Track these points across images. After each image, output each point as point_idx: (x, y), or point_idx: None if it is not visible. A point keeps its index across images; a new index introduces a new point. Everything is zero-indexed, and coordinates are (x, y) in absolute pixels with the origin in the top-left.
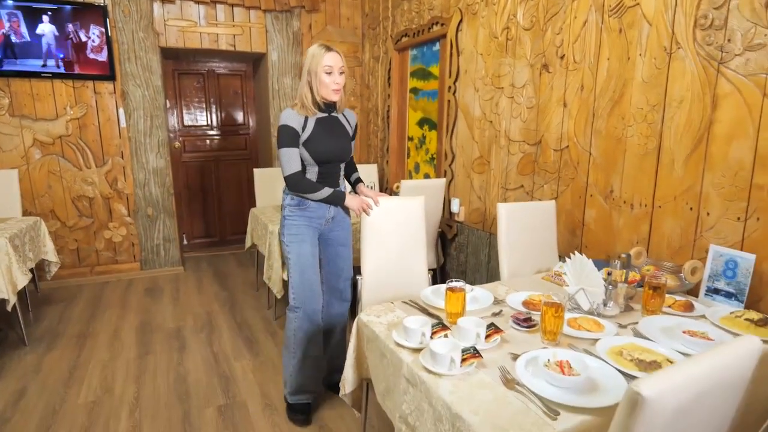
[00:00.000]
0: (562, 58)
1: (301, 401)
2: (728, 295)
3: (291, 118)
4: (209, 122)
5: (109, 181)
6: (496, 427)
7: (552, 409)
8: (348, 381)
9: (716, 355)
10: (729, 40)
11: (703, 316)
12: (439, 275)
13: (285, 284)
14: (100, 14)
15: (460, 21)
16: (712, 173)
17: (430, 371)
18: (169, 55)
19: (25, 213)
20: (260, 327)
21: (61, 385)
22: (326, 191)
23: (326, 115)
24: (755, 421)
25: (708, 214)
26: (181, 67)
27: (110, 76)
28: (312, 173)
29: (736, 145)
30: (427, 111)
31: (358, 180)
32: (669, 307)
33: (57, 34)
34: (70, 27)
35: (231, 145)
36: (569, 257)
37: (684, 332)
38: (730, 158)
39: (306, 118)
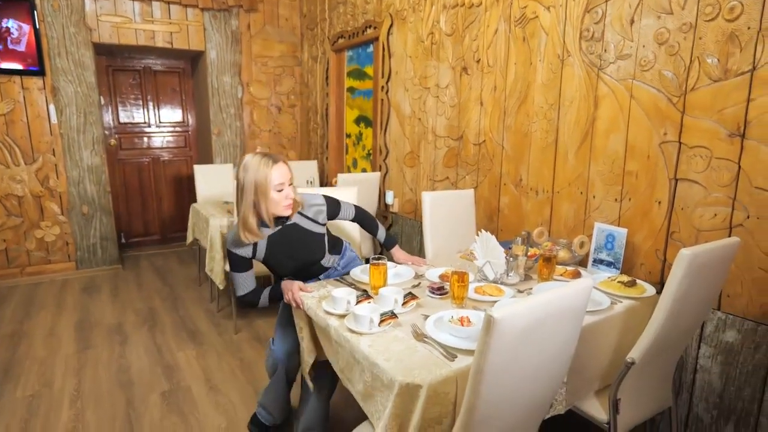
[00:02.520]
0: (478, 62)
1: (261, 416)
2: (609, 264)
3: (236, 245)
4: (147, 120)
5: (40, 178)
6: (405, 368)
7: (451, 353)
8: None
9: (554, 292)
10: (605, 50)
11: None
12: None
13: (227, 275)
14: (27, 8)
15: (391, 25)
16: (596, 162)
17: (353, 331)
18: (102, 51)
19: None
20: (203, 319)
21: None
22: (264, 296)
23: (278, 228)
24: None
25: (594, 197)
26: (116, 63)
27: (39, 72)
28: (288, 276)
29: (613, 138)
30: (363, 109)
31: (391, 241)
32: (561, 275)
33: None
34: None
35: (171, 143)
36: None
37: None
38: (608, 149)
39: (255, 244)
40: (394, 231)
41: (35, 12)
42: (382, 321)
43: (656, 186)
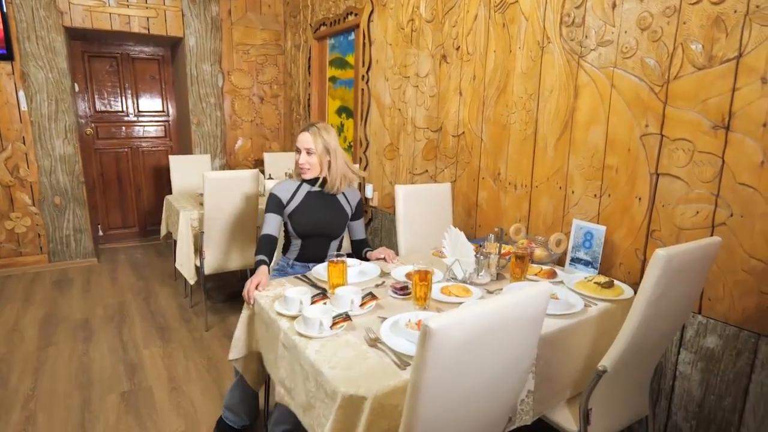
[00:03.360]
0: (458, 49)
1: (229, 420)
2: (587, 263)
3: (279, 187)
4: (124, 108)
5: (9, 168)
6: (350, 378)
7: (404, 361)
8: (237, 348)
9: (503, 299)
10: (586, 37)
11: (562, 282)
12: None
13: (197, 269)
14: None
15: (372, 12)
16: (575, 155)
17: (302, 335)
18: (77, 35)
19: None
20: (175, 315)
21: None
22: (257, 258)
23: (318, 190)
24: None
25: (573, 192)
26: (92, 49)
27: (7, 56)
28: (296, 245)
29: (593, 130)
30: (345, 100)
31: (367, 251)
32: (535, 275)
33: None
34: None
35: (150, 132)
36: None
37: None
38: (588, 142)
39: (298, 187)
40: (374, 226)
41: None
42: (334, 324)
43: (637, 181)
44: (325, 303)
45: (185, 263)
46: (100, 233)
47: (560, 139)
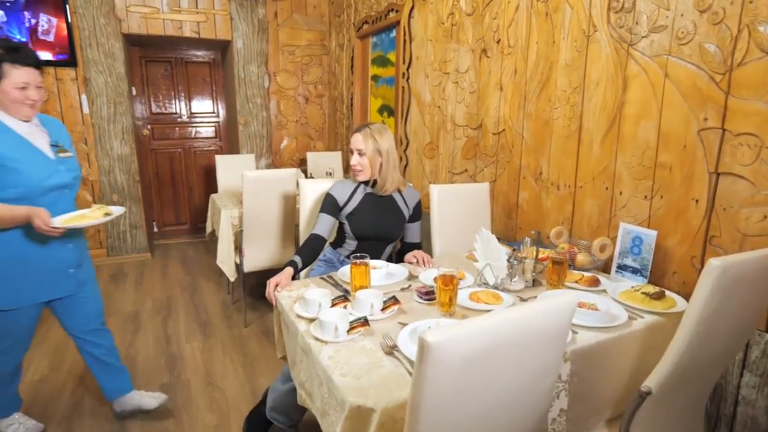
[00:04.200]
0: (498, 42)
1: (279, 422)
2: (635, 271)
3: (336, 187)
4: (178, 110)
5: None
6: (360, 387)
7: None
8: (280, 345)
9: (514, 312)
10: (637, 23)
11: (605, 291)
12: (395, 259)
13: (237, 267)
14: (59, 1)
15: (412, 8)
16: (624, 153)
17: (317, 339)
18: (135, 42)
19: None
20: (217, 310)
21: None
22: (291, 258)
23: (377, 192)
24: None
25: (621, 193)
26: (148, 54)
27: (71, 62)
28: (351, 245)
29: (644, 125)
30: (386, 98)
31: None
32: (576, 282)
33: (15, 19)
34: (29, 12)
35: (201, 133)
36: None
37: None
38: (638, 138)
39: (355, 189)
40: None
41: (67, 5)
42: (351, 328)
43: (693, 181)
44: (345, 306)
45: (226, 260)
46: (155, 229)
47: (607, 135)
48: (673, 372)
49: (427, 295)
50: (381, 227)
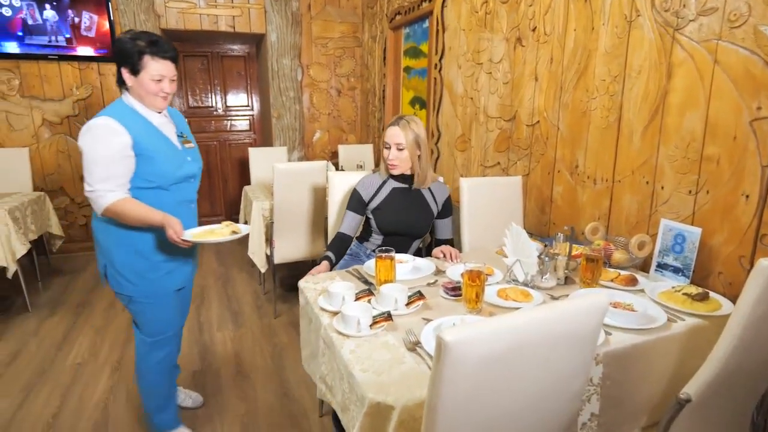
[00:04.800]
0: (534, 30)
1: None
2: (676, 270)
3: (363, 183)
4: (213, 104)
5: None
6: (381, 383)
7: None
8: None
9: (540, 312)
10: (684, 5)
11: (643, 291)
12: (424, 253)
13: (268, 258)
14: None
15: None
16: (667, 145)
17: (339, 332)
18: (173, 37)
19: (36, 189)
20: (248, 301)
21: (53, 348)
22: (325, 254)
23: (404, 186)
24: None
25: (662, 187)
26: (186, 49)
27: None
28: (376, 240)
29: (689, 115)
30: (418, 90)
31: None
32: (612, 281)
33: (62, 16)
34: (72, 11)
35: (236, 126)
36: (530, 233)
37: (609, 304)
38: (683, 129)
39: (383, 183)
40: None
41: (109, 2)
42: (374, 323)
43: (744, 175)
44: (369, 300)
45: (257, 252)
46: None
47: (649, 126)
48: (716, 379)
49: (454, 290)
50: (407, 223)
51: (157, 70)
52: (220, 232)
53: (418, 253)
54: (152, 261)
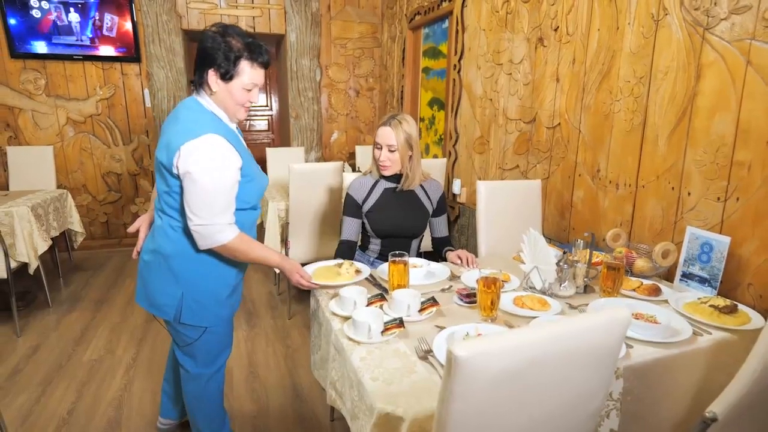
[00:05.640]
0: (556, 30)
1: None
2: (702, 281)
3: (354, 186)
4: None
5: (136, 158)
6: (390, 393)
7: None
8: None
9: (559, 326)
10: (715, 4)
11: (666, 301)
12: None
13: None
14: (125, 1)
15: None
16: (694, 149)
17: (350, 338)
18: (194, 37)
19: (60, 187)
20: (263, 300)
21: (71, 343)
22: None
23: (397, 186)
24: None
25: (689, 194)
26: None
27: (136, 58)
28: (375, 245)
29: (719, 118)
30: (436, 91)
31: (448, 250)
32: (634, 290)
33: (86, 17)
34: (96, 12)
35: (255, 126)
36: (550, 239)
37: (632, 315)
38: (712, 133)
39: (374, 184)
40: (461, 223)
41: (132, 3)
42: (386, 329)
43: None
44: (381, 306)
45: None
46: None
47: (675, 129)
48: (745, 397)
49: (468, 297)
50: (402, 224)
51: (252, 78)
52: (346, 274)
53: (432, 257)
54: (231, 284)
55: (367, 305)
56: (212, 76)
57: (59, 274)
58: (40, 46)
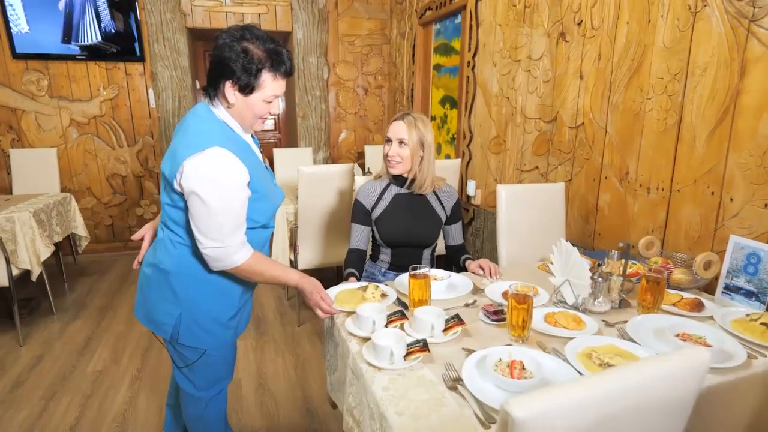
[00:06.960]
0: (579, 24)
1: None
2: (748, 294)
3: (362, 191)
4: None
5: (141, 160)
6: (416, 430)
7: (489, 416)
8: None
9: (627, 374)
10: None
11: (711, 318)
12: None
13: (291, 264)
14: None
15: None
16: (738, 152)
17: (370, 364)
18: (198, 36)
19: (64, 190)
20: (272, 307)
21: (75, 353)
22: (346, 271)
23: (406, 191)
24: None
25: (731, 199)
26: (211, 48)
27: (140, 58)
28: (385, 255)
29: (766, 118)
30: (449, 89)
31: (466, 259)
32: (674, 305)
33: (91, 17)
34: (101, 10)
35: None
36: (573, 245)
37: (677, 335)
38: (758, 134)
39: (384, 189)
40: (475, 226)
41: (136, 2)
42: (409, 353)
43: None
44: (402, 325)
45: (280, 257)
46: None
47: (716, 130)
48: None
49: (496, 314)
50: (412, 232)
51: (274, 90)
52: (371, 298)
53: (446, 264)
54: (235, 306)
55: (386, 324)
56: (230, 89)
57: (64, 279)
58: (43, 47)
